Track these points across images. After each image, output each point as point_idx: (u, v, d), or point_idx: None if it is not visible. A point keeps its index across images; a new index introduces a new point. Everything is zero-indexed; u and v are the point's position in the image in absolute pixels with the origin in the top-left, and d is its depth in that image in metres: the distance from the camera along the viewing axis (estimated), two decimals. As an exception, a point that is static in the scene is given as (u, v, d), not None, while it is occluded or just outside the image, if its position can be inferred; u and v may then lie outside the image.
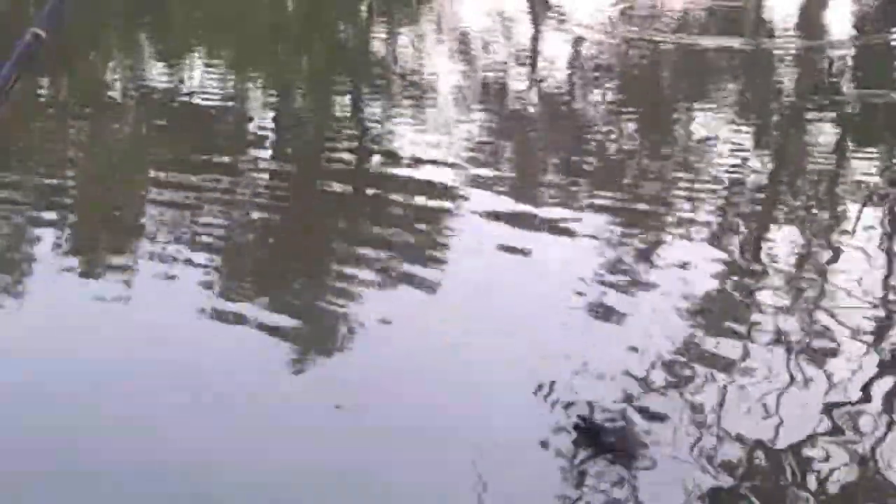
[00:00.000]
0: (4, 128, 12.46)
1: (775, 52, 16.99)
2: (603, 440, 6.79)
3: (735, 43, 16.77)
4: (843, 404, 7.39)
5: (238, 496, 6.40)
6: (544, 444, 6.86)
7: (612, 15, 19.28)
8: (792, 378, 7.70)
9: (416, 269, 9.20)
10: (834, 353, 8.05)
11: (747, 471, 6.72)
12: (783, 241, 9.98)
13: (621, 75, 15.93)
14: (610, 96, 14.83)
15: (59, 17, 3.70)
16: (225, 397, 7.23)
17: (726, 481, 6.60)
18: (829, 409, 7.31)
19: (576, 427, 6.93)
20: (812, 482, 6.63)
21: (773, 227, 10.47)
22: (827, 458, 6.82)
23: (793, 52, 17.10)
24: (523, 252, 9.58)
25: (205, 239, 9.75)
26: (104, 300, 8.60)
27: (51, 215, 10.19)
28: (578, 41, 17.54)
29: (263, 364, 7.70)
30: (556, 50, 17.18)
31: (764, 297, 8.90)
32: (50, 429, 6.84)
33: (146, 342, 7.87)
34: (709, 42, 16.73)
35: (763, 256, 9.71)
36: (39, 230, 9.87)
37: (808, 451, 6.89)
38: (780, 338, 8.22)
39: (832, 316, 8.55)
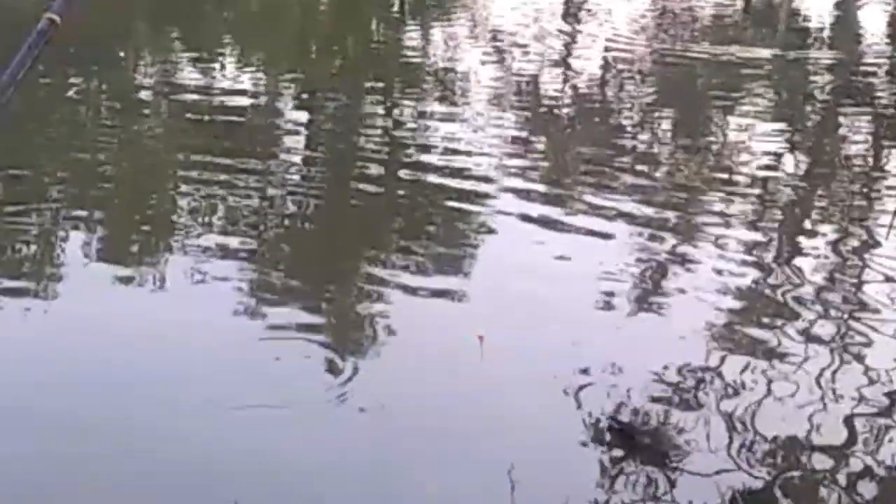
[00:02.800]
0: (34, 124, 12.51)
1: (808, 59, 16.95)
2: (637, 441, 6.76)
3: (767, 53, 16.71)
4: (879, 403, 7.34)
5: (263, 496, 6.37)
6: (578, 446, 6.82)
7: (647, 15, 19.28)
8: (827, 377, 7.66)
9: (447, 269, 9.19)
10: (869, 351, 8.01)
11: (781, 470, 6.67)
12: (818, 241, 9.94)
13: (654, 74, 15.88)
14: (643, 95, 14.78)
15: (73, 3, 3.67)
16: (249, 398, 7.19)
17: (760, 481, 6.55)
18: (864, 408, 7.27)
19: (609, 428, 6.89)
20: (847, 481, 6.59)
21: (807, 227, 10.41)
22: (862, 457, 6.78)
23: (827, 60, 17.07)
24: (556, 251, 9.55)
25: (235, 238, 9.74)
26: (134, 299, 8.61)
27: (80, 212, 10.19)
28: (612, 40, 17.52)
29: (290, 365, 7.66)
30: (589, 49, 17.13)
31: (798, 296, 8.84)
32: (78, 429, 6.83)
33: (173, 341, 7.85)
34: (742, 51, 16.63)
35: (798, 256, 9.66)
36: (69, 226, 9.88)
37: (843, 451, 6.84)
38: (814, 336, 8.18)
39: (868, 314, 8.50)
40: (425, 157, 11.83)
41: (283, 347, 7.89)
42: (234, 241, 9.69)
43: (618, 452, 6.73)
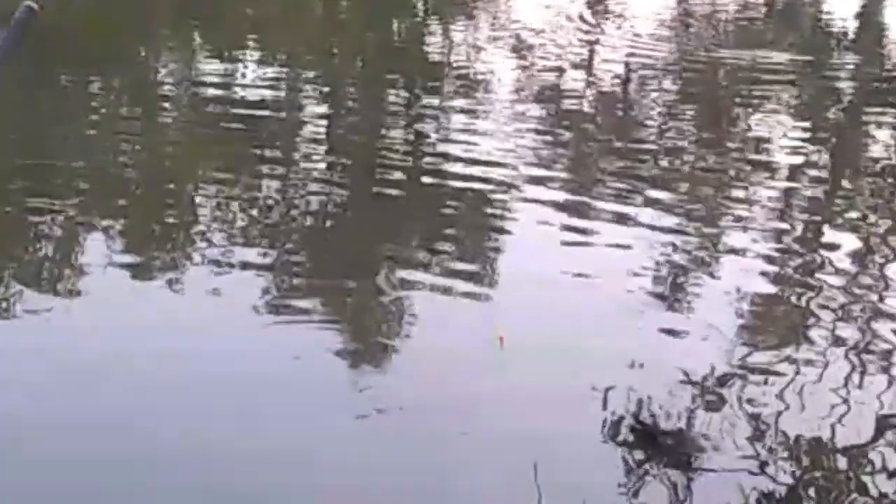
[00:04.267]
0: (55, 123, 12.52)
1: (833, 61, 16.90)
2: (659, 442, 6.71)
3: (790, 55, 16.64)
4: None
5: (283, 495, 6.34)
6: (600, 446, 6.77)
7: (671, 14, 19.25)
8: (851, 379, 7.61)
9: (469, 269, 9.16)
10: (893, 354, 7.94)
11: (805, 473, 6.62)
12: (842, 244, 9.88)
13: (678, 74, 15.83)
14: (666, 94, 14.74)
15: None
16: (267, 397, 7.16)
17: (784, 484, 6.49)
18: (889, 409, 7.23)
19: (632, 429, 6.85)
20: (871, 485, 6.53)
21: (831, 231, 10.36)
22: (885, 462, 6.71)
23: (851, 61, 17.02)
24: (579, 249, 9.54)
25: (255, 237, 9.72)
26: (154, 297, 8.57)
27: (100, 210, 10.18)
28: (636, 39, 17.49)
29: (309, 364, 7.63)
30: (611, 49, 17.09)
31: (823, 297, 8.79)
32: (98, 429, 6.79)
33: (193, 341, 7.82)
34: (765, 53, 16.56)
35: (822, 260, 9.60)
36: (89, 225, 9.87)
37: (867, 454, 6.79)
38: (838, 339, 8.13)
39: (891, 318, 8.44)
40: (447, 156, 11.79)
41: (303, 346, 7.85)
42: (254, 240, 9.67)
43: (640, 453, 6.68)
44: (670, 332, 8.21)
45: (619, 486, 6.44)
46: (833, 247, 9.83)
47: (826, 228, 10.38)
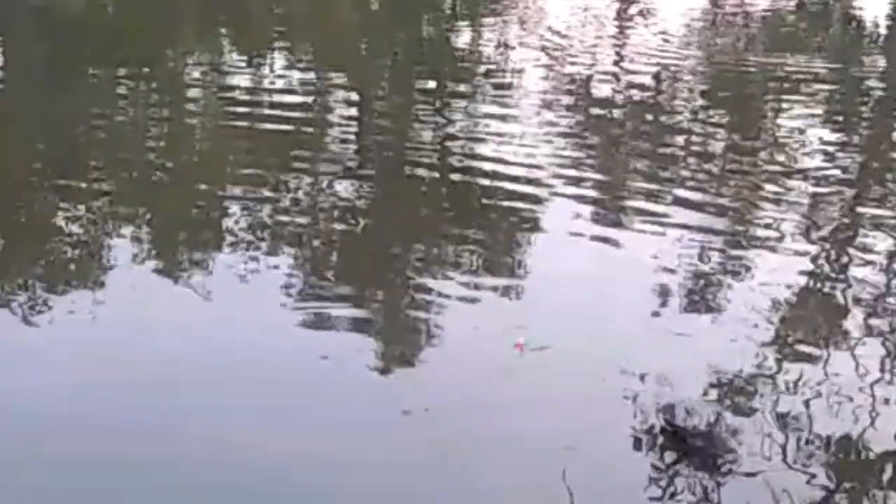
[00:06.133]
0: (83, 124, 12.56)
1: (864, 64, 16.84)
2: (689, 443, 6.67)
3: (822, 60, 16.58)
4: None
5: (310, 495, 6.34)
6: (630, 448, 6.74)
7: (701, 13, 19.19)
8: (881, 378, 7.57)
9: (497, 271, 9.15)
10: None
11: (835, 472, 6.58)
12: (872, 247, 9.84)
13: (708, 75, 15.77)
14: (696, 96, 14.69)
15: None
16: (294, 397, 7.16)
17: (814, 483, 6.46)
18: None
19: (662, 430, 6.81)
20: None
21: (862, 233, 10.30)
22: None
23: (882, 65, 16.96)
24: (608, 250, 9.51)
25: (283, 238, 9.72)
26: (184, 299, 8.57)
27: (129, 210, 10.20)
28: (665, 40, 17.45)
29: (340, 364, 7.61)
30: (642, 49, 17.03)
31: (854, 297, 8.75)
32: (123, 428, 6.81)
33: (219, 342, 7.82)
34: (794, 57, 16.48)
35: (852, 260, 9.56)
36: (118, 224, 9.88)
37: (897, 453, 6.75)
38: (869, 340, 8.09)
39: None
40: (476, 157, 11.77)
41: (331, 346, 7.84)
42: (282, 240, 9.67)
43: (670, 455, 6.65)
44: (700, 333, 8.17)
45: (648, 488, 6.41)
46: (863, 247, 9.79)
47: (856, 228, 10.32)
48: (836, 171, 11.71)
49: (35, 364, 7.53)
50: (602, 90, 14.96)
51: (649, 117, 13.78)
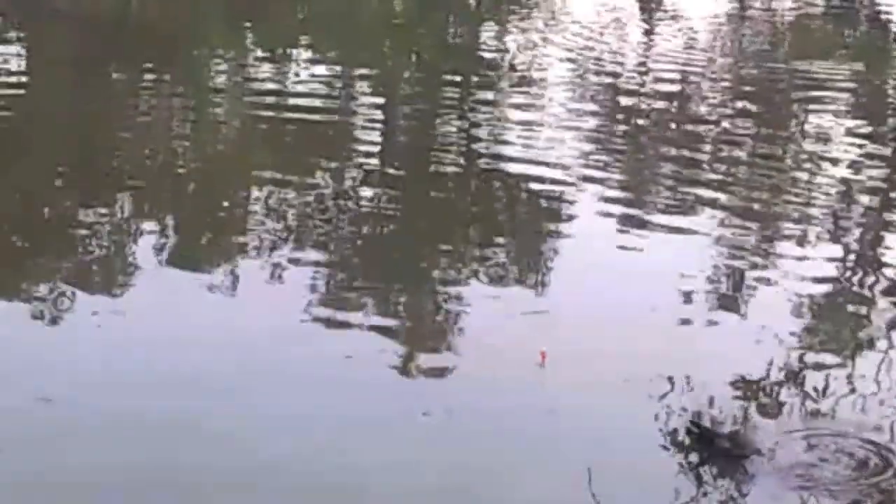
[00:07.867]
0: (109, 122, 12.57)
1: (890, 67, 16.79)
2: (717, 444, 6.63)
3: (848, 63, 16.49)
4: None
5: (334, 495, 6.33)
6: (657, 449, 6.71)
7: (727, 15, 19.14)
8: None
9: (523, 273, 9.13)
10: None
11: (864, 472, 6.53)
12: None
13: (733, 78, 15.71)
14: (722, 98, 14.64)
15: None
16: (319, 398, 7.14)
17: (843, 483, 6.42)
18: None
19: (689, 432, 6.76)
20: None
21: (887, 236, 10.29)
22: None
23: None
24: (634, 254, 9.48)
25: (308, 238, 9.71)
26: (210, 300, 8.55)
27: (155, 210, 10.19)
28: (690, 41, 17.40)
29: (363, 364, 7.58)
30: (667, 50, 16.98)
31: (880, 300, 8.75)
32: (150, 429, 6.79)
33: (244, 343, 7.78)
34: (821, 61, 16.39)
35: (879, 261, 9.52)
36: (143, 225, 9.86)
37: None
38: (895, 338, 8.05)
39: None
40: (501, 157, 11.74)
41: (355, 346, 7.83)
42: (307, 240, 9.66)
43: (697, 456, 6.61)
44: (725, 335, 8.15)
45: (675, 489, 6.37)
46: (890, 251, 9.76)
47: (883, 234, 10.29)
48: (863, 178, 11.66)
49: (62, 362, 7.52)
50: (628, 93, 14.87)
51: (675, 120, 13.73)
